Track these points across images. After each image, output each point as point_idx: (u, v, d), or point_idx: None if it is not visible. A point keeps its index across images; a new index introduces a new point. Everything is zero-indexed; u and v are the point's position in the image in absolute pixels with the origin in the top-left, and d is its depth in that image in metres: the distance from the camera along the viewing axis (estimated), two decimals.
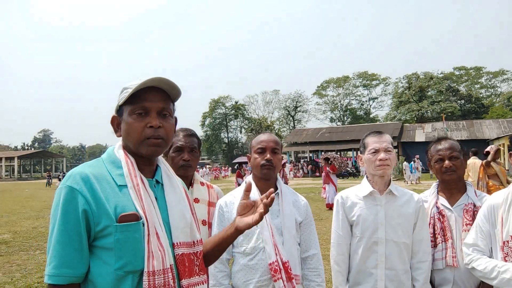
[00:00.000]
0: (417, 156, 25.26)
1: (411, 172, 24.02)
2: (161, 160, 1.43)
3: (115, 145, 1.37)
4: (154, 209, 1.26)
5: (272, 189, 1.34)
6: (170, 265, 1.24)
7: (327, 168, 12.90)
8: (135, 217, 1.20)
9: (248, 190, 1.38)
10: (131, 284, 1.18)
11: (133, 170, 1.27)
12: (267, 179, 2.11)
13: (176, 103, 1.41)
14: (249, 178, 2.20)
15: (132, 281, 1.18)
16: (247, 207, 1.36)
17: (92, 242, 1.20)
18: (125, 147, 1.33)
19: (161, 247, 1.23)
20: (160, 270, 1.20)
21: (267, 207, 1.31)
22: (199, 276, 1.33)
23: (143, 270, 1.18)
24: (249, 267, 1.99)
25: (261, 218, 1.31)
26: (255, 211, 1.34)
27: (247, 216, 1.35)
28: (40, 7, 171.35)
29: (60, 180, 34.28)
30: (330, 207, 12.05)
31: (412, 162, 24.34)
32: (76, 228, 1.17)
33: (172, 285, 1.22)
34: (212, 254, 1.45)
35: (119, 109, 1.34)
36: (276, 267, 1.93)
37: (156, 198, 1.30)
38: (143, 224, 1.21)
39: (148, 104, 1.29)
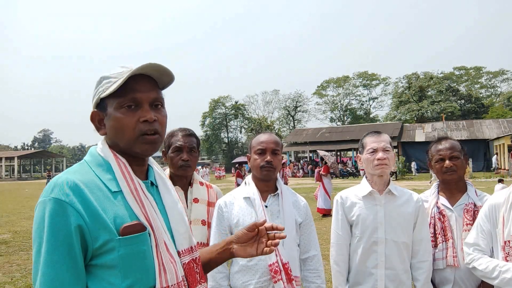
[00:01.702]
0: None
1: None
2: (151, 159, 1.28)
3: (98, 144, 1.19)
4: (157, 215, 1.13)
5: (281, 226, 1.27)
6: (182, 276, 1.13)
7: (317, 169, 11.81)
8: (140, 227, 1.06)
9: (252, 230, 1.28)
10: None
11: (127, 173, 1.11)
12: (267, 180, 2.10)
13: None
14: (248, 178, 2.19)
15: None
16: (249, 236, 1.27)
17: (90, 261, 1.02)
18: (112, 146, 1.15)
19: (171, 258, 1.11)
20: (174, 284, 1.08)
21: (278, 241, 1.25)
22: (201, 284, 1.22)
23: (154, 287, 1.05)
24: (248, 268, 1.98)
25: (271, 251, 1.24)
26: (259, 240, 1.26)
27: (248, 244, 1.27)
28: (40, 7, 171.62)
29: None
30: (323, 213, 10.82)
31: None
32: (69, 248, 0.98)
33: None
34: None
35: (100, 103, 1.15)
36: (276, 268, 1.91)
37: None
38: (149, 234, 1.07)
39: (140, 95, 1.12)
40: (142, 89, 1.13)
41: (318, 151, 14.93)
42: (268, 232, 1.28)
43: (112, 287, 1.01)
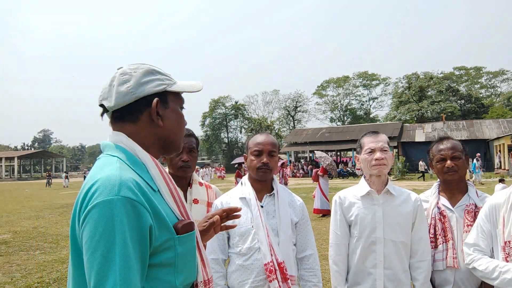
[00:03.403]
0: (478, 154, 21.65)
1: (474, 172, 20.36)
2: None
3: (119, 139, 1.11)
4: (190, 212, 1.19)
5: (238, 207, 1.42)
6: None
7: (315, 169, 11.84)
8: (193, 226, 1.11)
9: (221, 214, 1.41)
10: None
11: (165, 172, 1.13)
12: (263, 180, 2.11)
13: None
14: (244, 178, 2.20)
15: None
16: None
17: None
18: (143, 145, 1.12)
19: (205, 253, 1.19)
20: (211, 276, 1.17)
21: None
22: None
23: (193, 281, 1.12)
24: (244, 267, 1.99)
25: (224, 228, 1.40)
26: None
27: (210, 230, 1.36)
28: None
29: (67, 178, 32.49)
30: (318, 213, 10.78)
31: (475, 161, 20.65)
32: (142, 251, 0.95)
33: None
34: None
35: (159, 94, 1.13)
36: (271, 268, 1.92)
37: None
38: None
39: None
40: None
41: (315, 151, 14.79)
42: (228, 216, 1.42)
43: (167, 285, 1.02)
